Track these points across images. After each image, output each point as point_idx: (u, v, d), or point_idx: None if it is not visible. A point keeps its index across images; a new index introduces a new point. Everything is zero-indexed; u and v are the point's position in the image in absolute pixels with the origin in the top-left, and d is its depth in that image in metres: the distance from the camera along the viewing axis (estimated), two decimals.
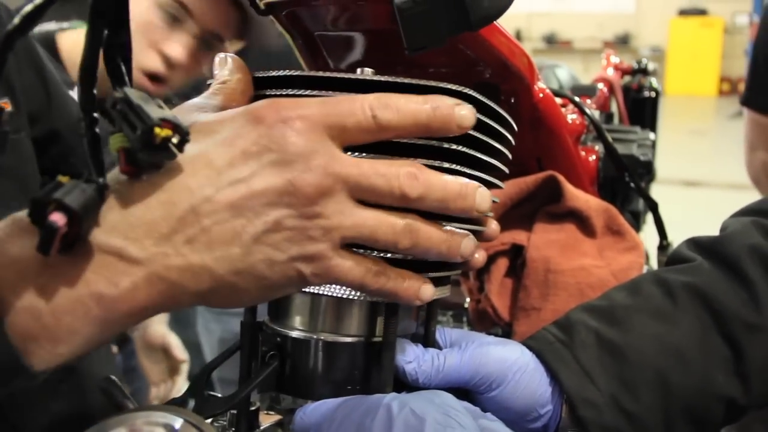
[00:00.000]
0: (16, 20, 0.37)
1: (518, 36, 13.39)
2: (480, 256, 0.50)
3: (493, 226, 0.51)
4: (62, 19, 1.18)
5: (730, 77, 12.79)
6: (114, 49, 0.38)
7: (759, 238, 0.56)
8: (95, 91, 0.37)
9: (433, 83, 0.44)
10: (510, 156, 0.52)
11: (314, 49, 0.63)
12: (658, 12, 12.95)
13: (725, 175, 5.77)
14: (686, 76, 12.65)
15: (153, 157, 0.36)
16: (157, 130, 0.35)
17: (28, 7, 0.38)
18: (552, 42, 13.66)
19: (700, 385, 0.52)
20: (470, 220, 0.50)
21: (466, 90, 0.45)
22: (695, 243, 0.60)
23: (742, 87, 1.86)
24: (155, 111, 0.35)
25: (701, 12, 12.86)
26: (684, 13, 12.93)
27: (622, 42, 13.05)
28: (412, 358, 0.49)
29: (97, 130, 0.37)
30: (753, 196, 0.67)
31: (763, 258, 0.55)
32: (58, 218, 0.33)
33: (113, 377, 0.47)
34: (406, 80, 0.44)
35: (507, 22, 0.52)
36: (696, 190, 5.88)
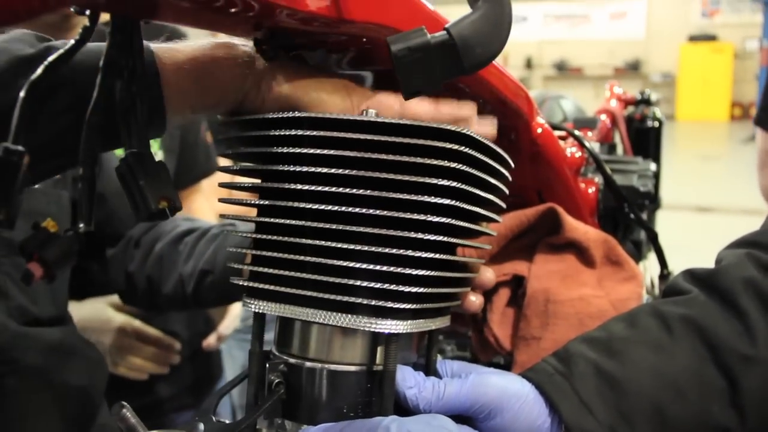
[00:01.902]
0: (39, 70, 0.39)
1: (529, 63, 13.45)
2: (477, 300, 0.55)
3: (488, 274, 0.55)
4: None
5: (741, 102, 12.76)
6: (127, 103, 0.41)
7: (753, 271, 0.57)
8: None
9: (432, 124, 0.46)
10: (507, 191, 0.54)
11: None
12: (668, 38, 12.99)
13: (738, 201, 5.73)
14: (697, 102, 12.64)
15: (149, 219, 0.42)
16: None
17: (51, 58, 0.41)
18: (563, 69, 13.72)
19: (697, 417, 0.53)
20: (465, 268, 0.55)
21: (463, 130, 0.47)
22: (691, 275, 0.61)
23: (753, 112, 1.87)
24: (156, 186, 0.40)
25: (711, 38, 12.88)
26: (694, 38, 12.96)
27: (633, 68, 13.08)
28: (413, 384, 0.51)
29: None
30: None
31: (757, 291, 0.56)
32: (35, 268, 0.40)
33: (124, 403, 0.49)
34: (408, 121, 0.46)
35: (518, 50, 0.54)
36: (709, 215, 5.85)
